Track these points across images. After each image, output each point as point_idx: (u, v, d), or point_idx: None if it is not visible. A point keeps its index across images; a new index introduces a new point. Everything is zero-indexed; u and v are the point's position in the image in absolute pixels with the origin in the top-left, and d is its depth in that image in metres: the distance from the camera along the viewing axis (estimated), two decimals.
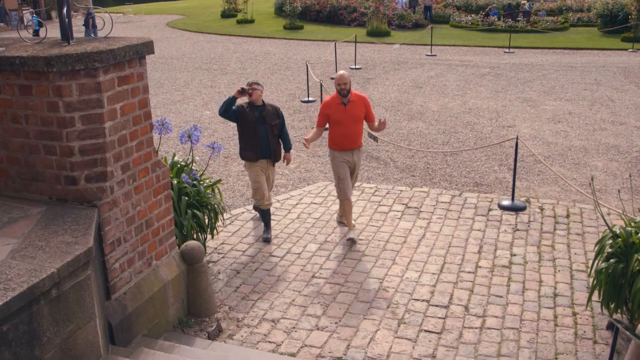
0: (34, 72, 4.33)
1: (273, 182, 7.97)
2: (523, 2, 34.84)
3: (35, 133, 4.52)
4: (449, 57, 22.75)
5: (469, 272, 6.85)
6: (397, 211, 8.52)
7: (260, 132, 7.46)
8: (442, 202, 8.78)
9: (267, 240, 7.68)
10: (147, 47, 4.88)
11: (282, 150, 7.83)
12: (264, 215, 7.87)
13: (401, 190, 9.32)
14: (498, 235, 7.73)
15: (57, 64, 4.24)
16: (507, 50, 24.22)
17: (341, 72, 7.65)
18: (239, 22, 35.61)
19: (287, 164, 7.97)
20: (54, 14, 36.54)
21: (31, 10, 39.63)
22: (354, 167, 7.78)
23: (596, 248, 5.84)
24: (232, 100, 7.30)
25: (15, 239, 4.15)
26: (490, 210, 8.52)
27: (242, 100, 7.70)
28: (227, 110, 7.34)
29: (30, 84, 4.40)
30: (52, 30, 5.39)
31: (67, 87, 4.33)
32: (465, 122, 13.45)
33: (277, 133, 7.62)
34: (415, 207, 8.63)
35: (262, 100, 7.54)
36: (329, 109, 7.60)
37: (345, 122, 7.50)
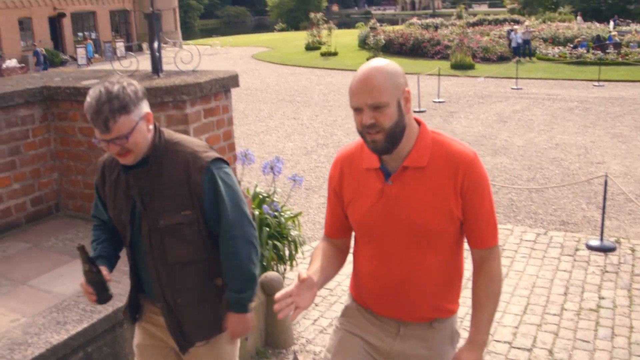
0: None
1: None
2: (613, 33, 33.87)
3: None
4: (535, 90, 22.29)
5: (554, 315, 6.59)
6: None
7: (133, 251, 2.88)
8: (527, 241, 8.53)
9: None
10: (232, 81, 4.99)
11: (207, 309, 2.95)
12: None
13: None
14: (585, 277, 7.43)
15: (148, 97, 4.37)
16: (596, 83, 23.52)
17: (365, 67, 2.42)
18: (322, 54, 36.03)
19: (232, 337, 2.96)
20: (144, 45, 38.06)
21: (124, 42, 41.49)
22: None
23: None
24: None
25: None
26: (577, 250, 8.21)
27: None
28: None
29: None
30: (142, 62, 5.60)
31: (156, 119, 4.45)
32: (551, 157, 13.09)
33: (188, 255, 2.79)
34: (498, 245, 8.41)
35: (151, 147, 2.91)
36: (344, 181, 2.65)
37: (384, 229, 2.54)
